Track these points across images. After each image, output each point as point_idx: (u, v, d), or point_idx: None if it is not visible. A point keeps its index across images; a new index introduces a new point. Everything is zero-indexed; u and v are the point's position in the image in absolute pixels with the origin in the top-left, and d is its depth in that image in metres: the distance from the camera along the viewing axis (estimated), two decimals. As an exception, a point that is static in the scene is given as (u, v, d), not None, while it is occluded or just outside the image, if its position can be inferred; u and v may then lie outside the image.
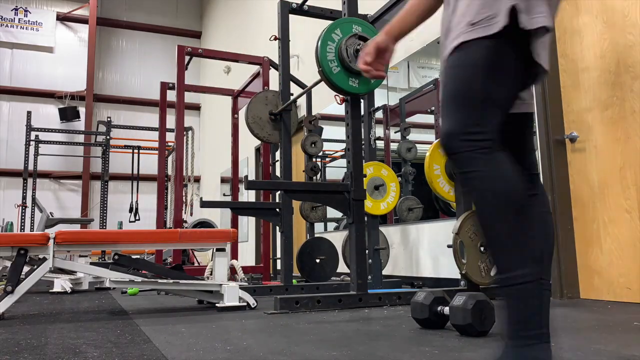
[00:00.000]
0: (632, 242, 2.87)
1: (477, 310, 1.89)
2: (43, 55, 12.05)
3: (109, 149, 9.82)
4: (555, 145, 3.28)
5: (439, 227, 4.37)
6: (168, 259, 7.30)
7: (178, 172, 5.52)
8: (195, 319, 2.57)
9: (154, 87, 11.69)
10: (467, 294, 1.95)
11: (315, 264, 4.75)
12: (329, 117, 6.28)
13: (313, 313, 2.75)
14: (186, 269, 4.18)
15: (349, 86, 3.09)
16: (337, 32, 3.09)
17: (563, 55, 3.36)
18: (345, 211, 3.14)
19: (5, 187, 11.25)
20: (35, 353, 1.74)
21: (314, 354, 1.66)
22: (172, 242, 3.13)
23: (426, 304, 2.11)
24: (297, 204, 5.56)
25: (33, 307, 3.29)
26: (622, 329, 2.00)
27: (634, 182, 2.88)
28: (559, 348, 1.66)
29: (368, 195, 4.34)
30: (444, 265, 4.23)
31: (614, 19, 3.03)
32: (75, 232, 2.97)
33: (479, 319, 1.90)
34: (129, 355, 1.67)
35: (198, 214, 9.20)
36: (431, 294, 2.12)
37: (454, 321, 1.95)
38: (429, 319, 2.10)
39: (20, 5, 11.98)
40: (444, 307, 2.08)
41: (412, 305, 2.17)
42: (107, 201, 9.71)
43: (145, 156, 10.47)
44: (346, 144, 3.24)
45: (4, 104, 11.58)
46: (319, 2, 4.47)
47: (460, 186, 3.16)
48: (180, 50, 5.40)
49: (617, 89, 3.00)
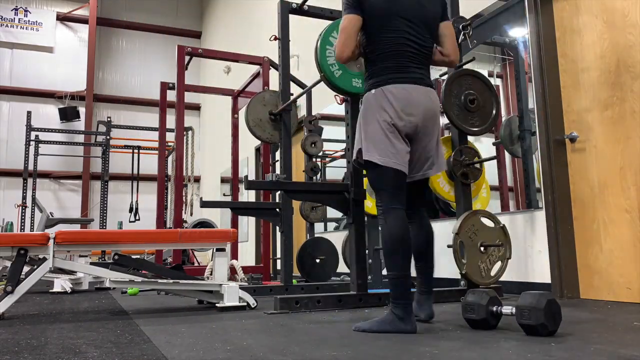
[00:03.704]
0: (632, 242, 2.87)
1: (549, 309, 1.85)
2: (43, 55, 12.05)
3: (109, 149, 9.81)
4: (555, 145, 3.28)
5: (439, 227, 4.37)
6: (168, 259, 7.30)
7: (178, 172, 5.52)
8: (195, 319, 2.57)
9: (154, 87, 11.69)
10: (533, 293, 1.90)
11: (315, 264, 4.75)
12: (329, 117, 6.28)
13: (313, 313, 2.75)
14: (186, 269, 4.18)
15: (353, 87, 3.10)
16: (334, 34, 3.09)
17: (563, 55, 3.36)
18: (345, 211, 3.14)
19: (5, 187, 11.25)
20: (35, 353, 1.74)
21: (314, 354, 1.66)
22: (172, 242, 3.13)
23: (483, 304, 2.04)
24: (297, 204, 5.56)
25: (33, 307, 3.29)
26: (622, 329, 2.00)
27: (634, 182, 2.88)
28: (559, 348, 1.66)
29: (368, 195, 4.34)
30: (444, 265, 4.23)
31: (614, 19, 3.03)
32: (75, 232, 2.97)
33: (552, 319, 1.86)
34: (129, 355, 1.67)
35: (198, 214, 9.20)
36: (485, 294, 2.06)
37: (522, 321, 1.89)
38: (486, 319, 2.04)
39: (20, 5, 11.98)
40: (500, 307, 2.05)
41: (464, 305, 2.10)
42: (107, 201, 9.70)
43: (145, 156, 10.46)
44: (346, 144, 3.24)
45: (4, 104, 11.58)
46: (319, 2, 4.47)
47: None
48: (180, 50, 5.40)
49: (617, 89, 3.00)
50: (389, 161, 2.18)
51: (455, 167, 3.17)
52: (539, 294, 1.89)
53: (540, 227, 3.35)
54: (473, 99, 3.20)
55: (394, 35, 2.24)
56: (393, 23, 2.24)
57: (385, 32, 2.24)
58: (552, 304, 1.87)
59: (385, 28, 2.24)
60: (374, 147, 2.20)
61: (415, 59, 2.27)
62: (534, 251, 3.40)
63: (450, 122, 3.20)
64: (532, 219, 3.44)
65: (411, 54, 2.25)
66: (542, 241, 3.32)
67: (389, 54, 2.24)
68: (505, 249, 3.11)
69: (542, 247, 3.32)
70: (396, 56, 2.24)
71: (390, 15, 2.24)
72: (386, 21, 2.24)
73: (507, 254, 3.11)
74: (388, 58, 2.24)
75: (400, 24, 2.24)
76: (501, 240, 3.11)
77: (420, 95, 2.22)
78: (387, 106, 2.19)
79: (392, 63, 2.24)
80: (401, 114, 2.18)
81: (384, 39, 2.25)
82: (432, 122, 2.26)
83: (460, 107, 3.19)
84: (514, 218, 3.57)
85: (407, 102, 2.19)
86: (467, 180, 3.20)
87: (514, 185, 3.77)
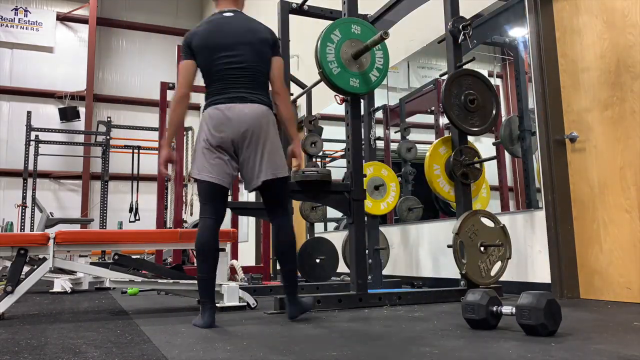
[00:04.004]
0: (632, 242, 2.87)
1: (549, 309, 1.85)
2: (43, 55, 12.04)
3: (109, 149, 9.80)
4: (555, 145, 3.28)
5: (439, 227, 4.37)
6: (168, 259, 7.29)
7: (178, 172, 5.52)
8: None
9: (154, 87, 11.66)
10: (533, 293, 1.90)
11: (315, 264, 4.75)
12: (329, 117, 6.28)
13: (313, 313, 2.75)
14: (186, 269, 4.17)
15: (350, 86, 3.10)
16: (336, 32, 3.09)
17: (563, 55, 3.36)
18: (345, 211, 3.14)
19: (5, 187, 11.24)
20: (35, 353, 1.74)
21: (314, 354, 1.66)
22: (172, 242, 3.13)
23: (483, 304, 2.03)
24: (297, 204, 5.56)
25: (33, 307, 3.29)
26: (622, 329, 2.00)
27: (634, 182, 2.88)
28: (559, 348, 1.66)
29: (368, 195, 4.34)
30: (444, 265, 4.23)
31: (614, 19, 3.03)
32: (75, 232, 2.98)
33: (552, 319, 1.86)
34: (129, 355, 1.67)
35: (198, 214, 9.18)
36: (485, 294, 2.06)
37: (522, 320, 1.89)
38: (485, 320, 2.03)
39: (20, 5, 11.97)
40: (500, 307, 2.04)
41: (464, 305, 2.09)
42: (107, 201, 9.69)
43: (145, 156, 10.45)
44: (346, 144, 3.24)
45: (4, 104, 11.58)
46: (319, 2, 4.47)
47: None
48: (180, 51, 5.40)
49: (617, 89, 3.00)
50: (203, 175, 2.44)
51: (455, 167, 3.17)
52: (539, 294, 1.89)
53: (540, 227, 3.35)
54: (473, 99, 3.20)
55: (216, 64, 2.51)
56: (214, 55, 2.51)
57: (210, 64, 2.52)
58: (552, 304, 1.87)
59: (208, 60, 2.52)
60: (194, 163, 2.50)
61: (238, 81, 2.50)
62: (534, 251, 3.40)
63: (450, 122, 3.20)
64: (532, 219, 3.44)
65: (232, 77, 2.50)
66: (542, 241, 3.32)
67: (214, 80, 2.52)
68: (505, 249, 3.11)
69: (542, 247, 3.32)
70: (217, 81, 2.51)
71: (210, 49, 2.52)
72: (207, 55, 2.53)
73: (507, 254, 3.11)
74: (213, 84, 2.52)
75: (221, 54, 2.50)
76: (501, 240, 3.11)
77: (235, 113, 2.44)
78: (204, 126, 2.48)
79: (214, 88, 2.52)
80: (213, 131, 2.44)
81: (211, 69, 2.52)
82: (251, 133, 2.44)
83: (460, 107, 3.19)
84: (514, 218, 3.57)
85: (218, 121, 2.44)
86: (467, 180, 3.20)
87: (514, 185, 3.77)
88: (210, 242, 2.41)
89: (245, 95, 2.48)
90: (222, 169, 2.45)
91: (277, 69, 2.62)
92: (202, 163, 2.45)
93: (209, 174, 2.43)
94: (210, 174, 2.43)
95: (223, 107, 2.45)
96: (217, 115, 2.45)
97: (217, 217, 2.47)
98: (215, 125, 2.44)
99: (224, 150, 2.46)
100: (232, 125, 2.43)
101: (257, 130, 2.45)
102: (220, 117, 2.44)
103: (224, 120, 2.43)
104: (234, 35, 2.54)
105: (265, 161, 2.47)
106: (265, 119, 2.49)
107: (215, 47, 2.52)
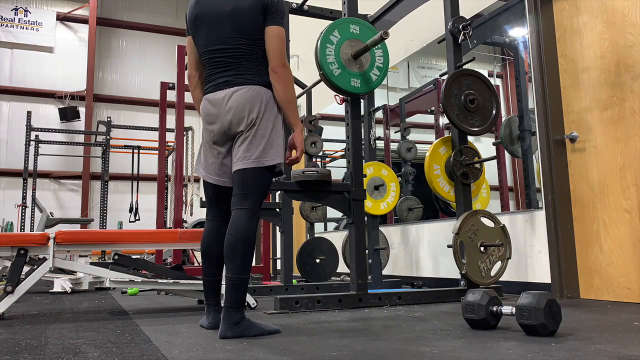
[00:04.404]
0: (632, 242, 2.87)
1: (549, 309, 1.85)
2: (43, 55, 12.04)
3: (109, 149, 9.81)
4: (555, 145, 3.28)
5: (439, 227, 4.37)
6: (168, 259, 7.29)
7: (178, 172, 5.51)
8: (195, 319, 2.56)
9: (154, 87, 11.69)
10: (533, 293, 1.90)
11: (315, 264, 4.75)
12: (329, 117, 6.28)
13: (313, 313, 2.75)
14: (186, 269, 4.17)
15: (351, 86, 3.10)
16: (335, 33, 3.09)
17: (563, 55, 3.36)
18: (345, 211, 3.14)
19: (5, 187, 11.25)
20: (35, 353, 1.74)
21: (314, 354, 1.66)
22: (172, 242, 3.12)
23: (483, 304, 2.03)
24: (297, 204, 5.56)
25: (33, 307, 3.29)
26: (622, 329, 2.00)
27: (634, 182, 2.88)
28: (559, 348, 1.66)
29: (368, 195, 4.34)
30: (444, 265, 4.23)
31: (614, 19, 3.03)
32: (75, 232, 2.97)
33: (552, 319, 1.86)
34: (129, 355, 1.67)
35: (198, 214, 9.19)
36: (485, 294, 2.06)
37: (522, 320, 1.89)
38: (485, 320, 2.03)
39: (20, 5, 11.97)
40: (500, 307, 2.04)
41: (464, 305, 2.09)
42: (107, 201, 9.69)
43: (145, 156, 10.46)
44: (346, 144, 3.24)
45: (4, 104, 11.58)
46: (319, 2, 4.47)
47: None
48: (180, 50, 5.40)
49: (617, 89, 3.00)
50: (199, 172, 2.32)
51: (455, 167, 3.17)
52: (539, 294, 1.89)
53: (540, 227, 3.35)
54: (473, 99, 3.20)
55: (202, 44, 2.25)
56: (199, 33, 2.25)
57: (198, 44, 2.27)
58: (552, 304, 1.87)
59: (196, 40, 2.28)
60: (198, 161, 2.36)
61: (220, 64, 2.20)
62: (534, 251, 3.40)
63: (450, 122, 3.20)
64: (532, 219, 3.44)
65: (215, 59, 2.21)
66: (542, 241, 3.32)
67: (204, 64, 2.28)
68: (505, 249, 3.11)
69: (542, 247, 3.32)
70: (205, 65, 2.27)
71: (195, 26, 2.26)
72: (193, 32, 2.28)
73: (507, 254, 3.11)
74: (204, 68, 2.29)
75: (203, 32, 2.23)
76: (501, 240, 3.11)
77: (217, 102, 2.18)
78: (202, 121, 2.31)
79: (205, 74, 2.28)
80: (206, 125, 2.26)
81: (199, 50, 2.28)
82: (237, 121, 2.13)
83: (460, 107, 3.19)
84: (514, 218, 3.57)
85: (205, 113, 2.24)
86: (467, 180, 3.20)
87: (514, 185, 3.77)
88: (212, 245, 2.27)
89: (230, 78, 2.16)
90: (221, 167, 2.25)
91: (272, 41, 2.14)
92: (200, 160, 2.33)
93: (203, 172, 2.31)
94: (204, 171, 2.30)
95: (210, 97, 2.21)
96: (205, 107, 2.23)
97: (221, 218, 2.29)
98: (205, 118, 2.24)
99: (220, 146, 2.23)
100: (219, 115, 2.17)
101: (237, 113, 2.12)
102: (207, 108, 2.22)
103: (211, 112, 2.20)
104: (212, 5, 2.20)
105: (243, 149, 2.13)
106: (255, 100, 2.12)
107: (194, 21, 2.25)
